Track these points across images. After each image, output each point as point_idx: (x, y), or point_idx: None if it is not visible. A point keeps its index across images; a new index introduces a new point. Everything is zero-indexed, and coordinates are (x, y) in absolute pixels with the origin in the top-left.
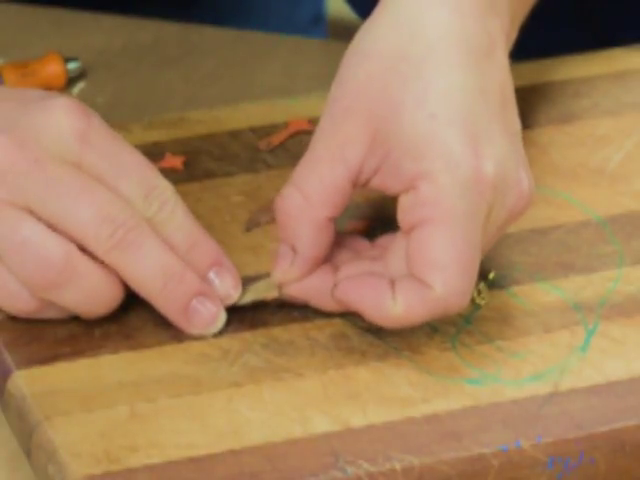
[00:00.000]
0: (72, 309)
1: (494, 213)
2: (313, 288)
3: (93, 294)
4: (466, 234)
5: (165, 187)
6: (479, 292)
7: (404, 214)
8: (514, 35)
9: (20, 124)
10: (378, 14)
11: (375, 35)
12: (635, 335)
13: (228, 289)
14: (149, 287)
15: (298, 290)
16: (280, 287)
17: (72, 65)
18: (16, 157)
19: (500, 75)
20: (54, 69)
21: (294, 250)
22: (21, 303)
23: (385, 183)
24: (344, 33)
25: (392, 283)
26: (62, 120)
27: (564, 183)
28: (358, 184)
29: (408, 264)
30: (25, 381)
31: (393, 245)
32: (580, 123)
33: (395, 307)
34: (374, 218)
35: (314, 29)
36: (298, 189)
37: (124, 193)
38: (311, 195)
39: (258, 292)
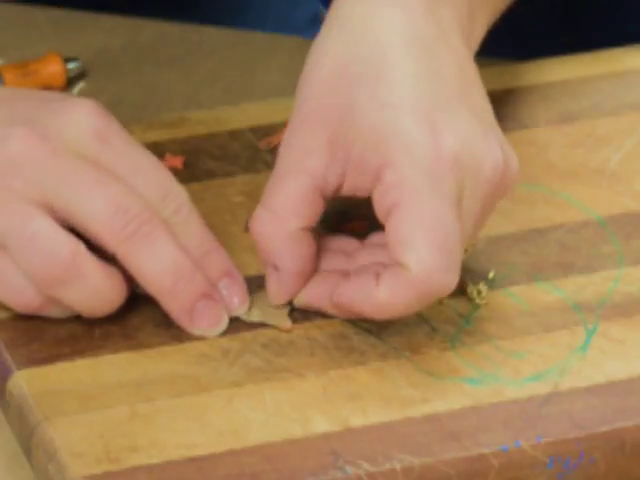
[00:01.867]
0: (75, 307)
1: (469, 187)
2: (321, 296)
3: (96, 293)
4: (435, 211)
5: (181, 191)
6: (479, 292)
7: (376, 207)
8: (479, 29)
9: (41, 119)
10: (328, 22)
11: (325, 42)
12: (635, 335)
13: (235, 302)
14: (158, 283)
15: (307, 302)
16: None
17: (72, 65)
18: (35, 148)
19: (456, 58)
20: (54, 69)
21: (276, 268)
22: (25, 299)
23: (356, 185)
24: None
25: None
26: (83, 118)
27: (564, 183)
28: (328, 192)
29: (388, 252)
30: (25, 381)
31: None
32: (580, 123)
33: (379, 294)
34: (372, 218)
35: (312, 29)
36: (266, 207)
37: (141, 192)
38: (278, 210)
39: (267, 317)
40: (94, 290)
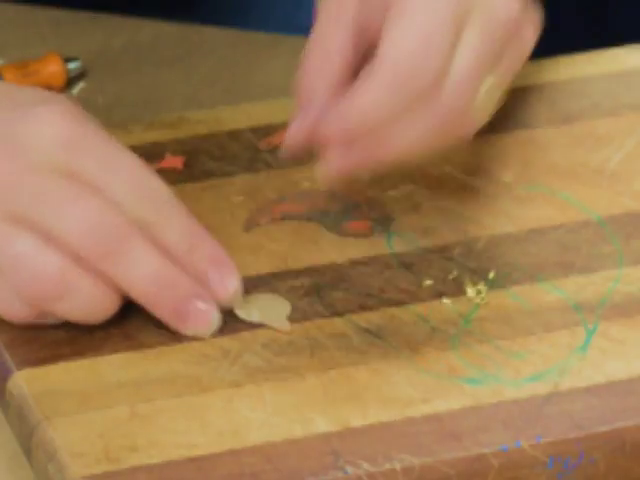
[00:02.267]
0: (69, 318)
1: (477, 21)
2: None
3: (89, 304)
4: (427, 15)
5: (160, 188)
6: (479, 292)
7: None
8: None
9: (6, 135)
10: None
11: None
12: (635, 335)
13: (227, 288)
14: (142, 294)
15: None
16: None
17: (72, 65)
18: (4, 169)
19: None
20: (54, 69)
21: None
22: (19, 313)
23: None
24: None
25: None
26: (45, 130)
27: (564, 183)
28: (364, 39)
29: None
30: (25, 381)
31: None
32: (580, 123)
33: (355, 95)
34: (374, 218)
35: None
36: (317, 46)
37: (117, 197)
38: (327, 48)
39: (266, 318)
40: (86, 302)
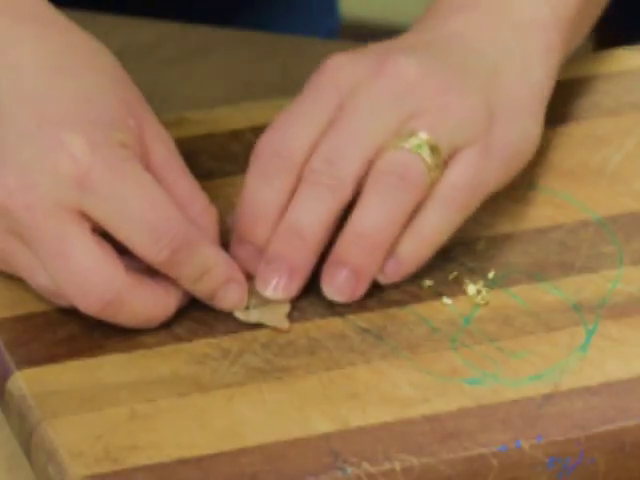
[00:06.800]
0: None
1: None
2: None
3: (142, 314)
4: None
5: (176, 229)
6: (479, 292)
7: None
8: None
9: (22, 161)
10: None
11: None
12: (635, 335)
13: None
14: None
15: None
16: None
17: None
18: (7, 202)
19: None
20: None
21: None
22: (43, 289)
23: None
24: (358, 32)
25: None
26: (61, 164)
27: (564, 183)
28: None
29: None
30: (25, 381)
31: None
32: (580, 123)
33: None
34: None
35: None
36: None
37: (128, 242)
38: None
39: (265, 318)
40: (139, 313)
